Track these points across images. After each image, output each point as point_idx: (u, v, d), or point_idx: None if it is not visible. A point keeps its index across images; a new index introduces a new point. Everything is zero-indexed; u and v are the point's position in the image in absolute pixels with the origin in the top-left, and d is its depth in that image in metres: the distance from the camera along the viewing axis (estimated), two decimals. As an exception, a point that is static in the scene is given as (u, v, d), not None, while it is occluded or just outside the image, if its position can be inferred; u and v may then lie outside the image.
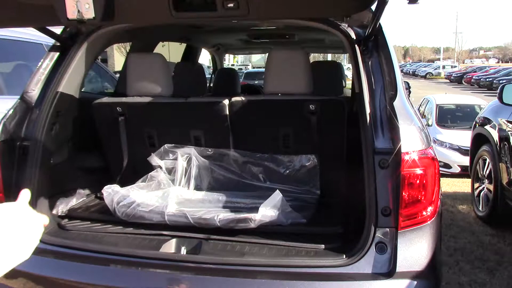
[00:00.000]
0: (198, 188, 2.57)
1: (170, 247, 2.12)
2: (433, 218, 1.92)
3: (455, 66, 51.46)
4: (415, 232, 1.89)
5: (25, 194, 1.05)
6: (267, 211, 2.10)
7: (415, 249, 1.88)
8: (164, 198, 2.32)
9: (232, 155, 2.57)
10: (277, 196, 2.15)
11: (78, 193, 2.65)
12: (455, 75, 38.09)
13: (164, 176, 2.54)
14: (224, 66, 6.58)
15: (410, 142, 1.88)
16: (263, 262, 1.93)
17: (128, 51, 4.09)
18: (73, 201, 2.56)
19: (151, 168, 2.58)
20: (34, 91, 2.37)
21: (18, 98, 2.34)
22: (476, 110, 9.29)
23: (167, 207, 2.21)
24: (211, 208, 2.31)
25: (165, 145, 2.58)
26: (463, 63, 68.57)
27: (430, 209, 1.92)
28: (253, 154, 2.56)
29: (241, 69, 26.37)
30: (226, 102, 2.47)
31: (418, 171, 1.89)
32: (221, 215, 2.15)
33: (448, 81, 38.69)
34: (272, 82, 2.47)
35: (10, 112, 2.28)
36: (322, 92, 2.57)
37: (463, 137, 7.88)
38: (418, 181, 1.90)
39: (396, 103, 1.94)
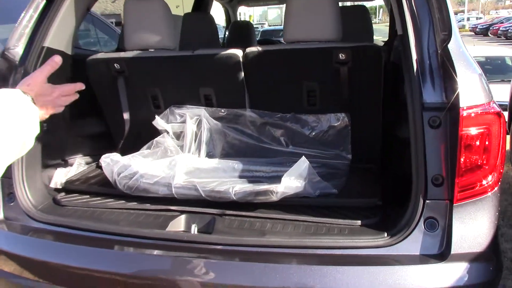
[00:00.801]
0: (210, 155, 2.24)
1: (178, 224, 1.82)
2: (495, 188, 1.57)
3: (480, 18, 49.30)
4: (474, 205, 1.54)
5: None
6: (291, 181, 1.77)
7: (474, 226, 1.53)
8: (171, 167, 2.00)
9: (248, 115, 2.22)
10: (303, 163, 1.81)
11: (77, 164, 2.37)
12: (481, 27, 36.36)
13: (171, 142, 2.21)
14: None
15: (469, 94, 1.51)
16: (288, 243, 1.62)
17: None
18: (71, 173, 2.27)
19: (157, 133, 2.26)
20: (18, 47, 2.03)
21: (-3, 57, 2.02)
22: (507, 62, 8.65)
23: (175, 178, 1.89)
24: (226, 178, 1.99)
25: (172, 106, 2.25)
26: (488, 14, 65.61)
27: (492, 177, 1.56)
28: (272, 114, 2.21)
29: (257, 27, 25.55)
30: (239, 53, 2.10)
31: (479, 130, 1.52)
32: (237, 187, 1.83)
33: (473, 33, 37.03)
34: (294, 28, 2.08)
35: (-11, 72, 1.97)
36: (350, 40, 2.18)
37: (495, 90, 7.32)
38: (478, 143, 1.53)
39: (451, 46, 1.55)
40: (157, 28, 2.17)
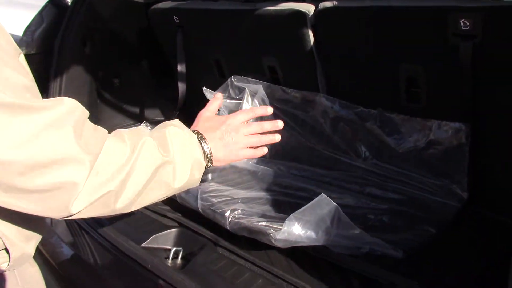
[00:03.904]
0: None
1: (163, 240, 1.35)
2: None
3: None
4: None
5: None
6: (299, 226, 1.08)
7: None
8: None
9: (319, 103, 1.52)
10: (326, 203, 1.08)
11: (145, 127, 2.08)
12: None
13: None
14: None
15: None
16: None
17: None
18: None
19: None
20: None
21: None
22: None
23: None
24: (243, 191, 1.39)
25: (232, 76, 1.70)
26: None
27: None
28: (351, 107, 1.45)
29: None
30: (308, 10, 1.39)
31: None
32: (237, 213, 1.23)
33: None
34: None
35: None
36: None
37: None
38: None
39: None
40: None
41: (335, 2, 1.34)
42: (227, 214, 1.24)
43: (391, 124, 1.37)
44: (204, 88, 1.68)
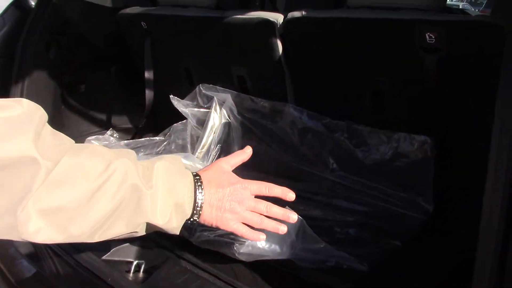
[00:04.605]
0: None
1: (125, 253, 1.31)
2: None
3: None
4: None
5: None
6: (263, 241, 1.06)
7: None
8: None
9: (287, 113, 1.50)
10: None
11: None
12: None
13: (188, 133, 1.67)
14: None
15: None
16: None
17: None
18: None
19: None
20: None
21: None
22: None
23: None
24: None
25: (200, 85, 1.67)
26: None
27: None
28: (320, 118, 1.44)
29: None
30: (277, 19, 1.38)
31: None
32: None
33: None
34: None
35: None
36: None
37: None
38: None
39: None
40: None
41: (303, 12, 1.33)
42: (191, 226, 1.21)
43: (358, 135, 1.37)
44: (171, 96, 1.65)
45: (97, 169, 0.60)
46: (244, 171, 1.59)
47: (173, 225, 0.71)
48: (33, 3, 1.75)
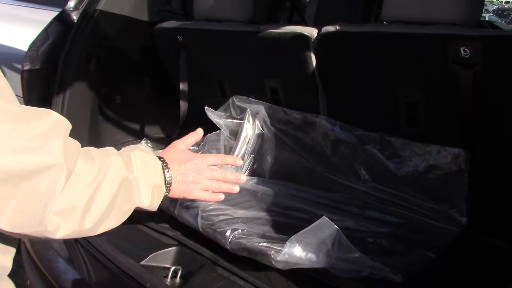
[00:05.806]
0: (252, 170, 1.65)
1: (163, 259, 1.35)
2: None
3: None
4: None
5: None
6: (300, 248, 1.08)
7: None
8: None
9: (319, 124, 1.53)
10: (327, 226, 1.09)
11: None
12: None
13: (222, 143, 1.71)
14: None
15: None
16: None
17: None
18: None
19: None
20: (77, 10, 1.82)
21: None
22: None
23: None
24: (244, 212, 1.40)
25: (234, 96, 1.72)
26: None
27: None
28: (352, 129, 1.47)
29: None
30: (311, 33, 1.42)
31: None
32: (237, 232, 1.24)
33: None
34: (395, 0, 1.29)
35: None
36: None
37: None
38: None
39: None
40: None
41: (337, 27, 1.37)
42: (227, 233, 1.24)
43: (391, 147, 1.39)
44: (206, 107, 1.70)
45: (94, 170, 0.70)
46: (278, 180, 1.63)
47: (155, 204, 0.85)
48: (75, 18, 1.83)
